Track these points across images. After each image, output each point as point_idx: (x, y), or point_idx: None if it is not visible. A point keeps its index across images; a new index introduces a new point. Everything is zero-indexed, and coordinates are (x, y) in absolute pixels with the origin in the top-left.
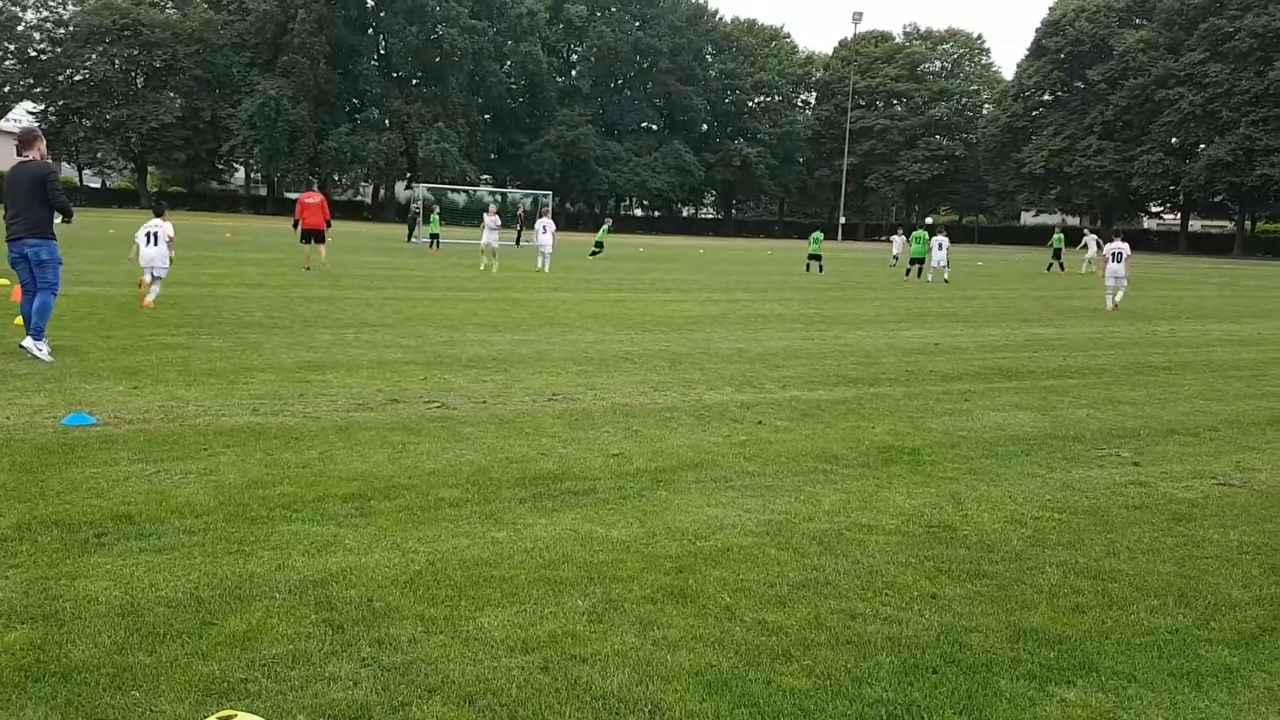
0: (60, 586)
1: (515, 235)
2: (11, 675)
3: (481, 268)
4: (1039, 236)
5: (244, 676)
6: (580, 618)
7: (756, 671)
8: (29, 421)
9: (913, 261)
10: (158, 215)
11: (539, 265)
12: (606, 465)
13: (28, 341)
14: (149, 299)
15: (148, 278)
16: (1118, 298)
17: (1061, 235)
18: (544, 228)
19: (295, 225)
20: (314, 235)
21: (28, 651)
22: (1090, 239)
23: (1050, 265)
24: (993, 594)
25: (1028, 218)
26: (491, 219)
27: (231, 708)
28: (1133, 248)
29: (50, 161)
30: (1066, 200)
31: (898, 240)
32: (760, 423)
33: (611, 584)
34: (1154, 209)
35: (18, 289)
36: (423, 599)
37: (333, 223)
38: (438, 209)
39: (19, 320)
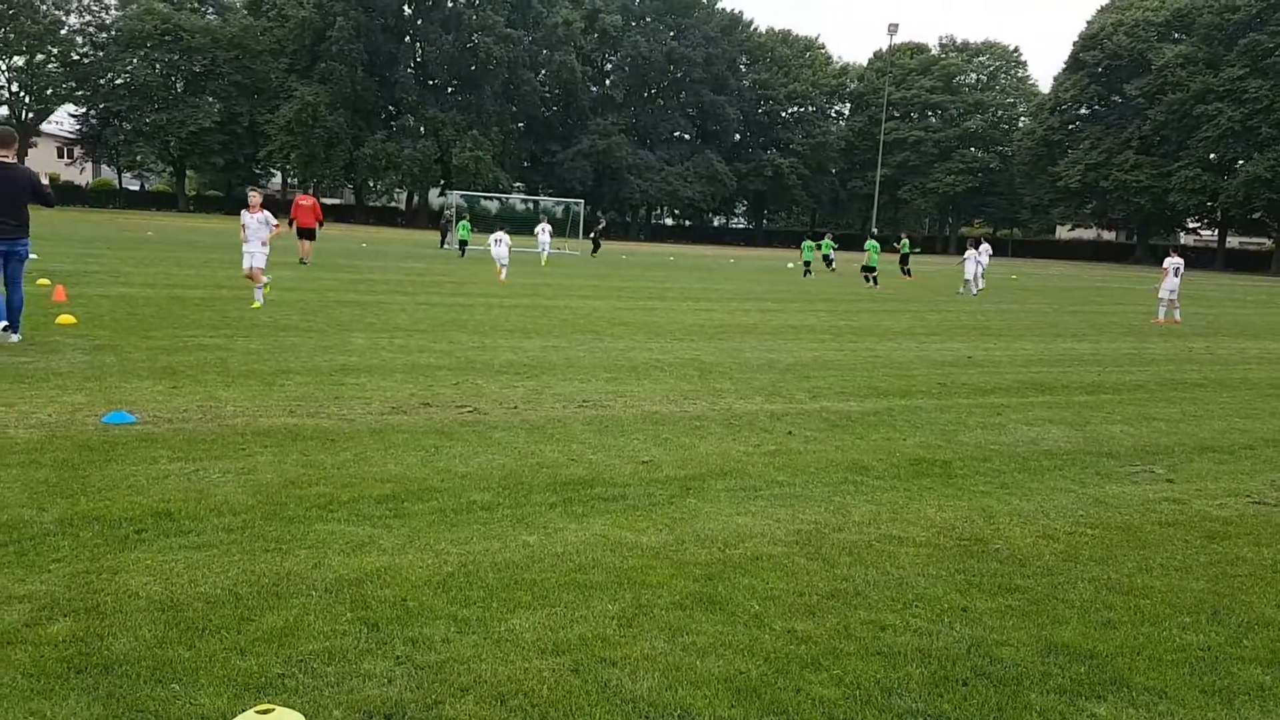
0: (101, 581)
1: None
2: (54, 667)
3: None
4: (1075, 251)
5: (281, 672)
6: (610, 622)
7: (785, 679)
8: (70, 419)
9: (871, 268)
10: (501, 229)
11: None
12: (636, 472)
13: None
14: (502, 277)
15: (502, 275)
16: (1176, 314)
17: (908, 241)
18: (531, 232)
19: (290, 224)
20: (306, 233)
21: (70, 644)
22: (971, 254)
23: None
24: (1024, 608)
25: (1063, 231)
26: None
27: (269, 702)
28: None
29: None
30: (1102, 215)
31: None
32: (790, 433)
33: (641, 589)
34: (1191, 225)
35: (60, 288)
36: (455, 600)
37: (324, 223)
38: (468, 216)
39: (62, 319)
